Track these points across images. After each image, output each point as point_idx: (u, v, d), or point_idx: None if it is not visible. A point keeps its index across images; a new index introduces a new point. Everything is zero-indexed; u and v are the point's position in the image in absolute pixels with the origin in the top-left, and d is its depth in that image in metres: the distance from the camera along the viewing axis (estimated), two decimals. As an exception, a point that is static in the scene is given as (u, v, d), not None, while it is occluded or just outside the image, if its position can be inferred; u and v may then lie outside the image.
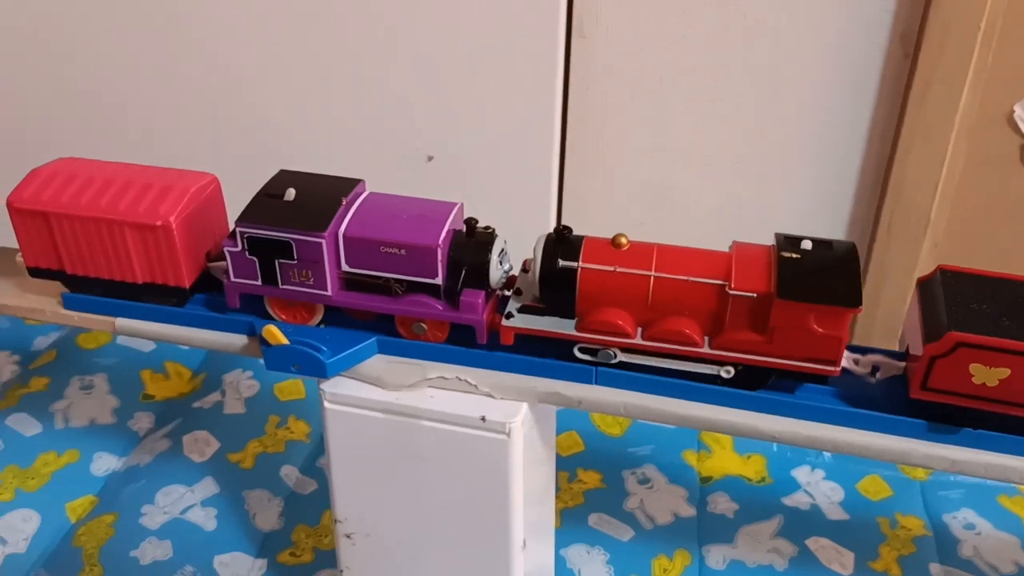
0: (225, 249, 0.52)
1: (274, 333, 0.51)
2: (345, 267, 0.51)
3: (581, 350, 0.51)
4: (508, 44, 0.75)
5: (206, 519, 0.72)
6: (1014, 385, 0.45)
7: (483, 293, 0.51)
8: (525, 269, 0.53)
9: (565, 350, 0.51)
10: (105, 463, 0.78)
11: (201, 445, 0.79)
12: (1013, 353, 0.45)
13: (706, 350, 0.49)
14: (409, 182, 0.82)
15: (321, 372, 0.51)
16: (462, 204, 0.53)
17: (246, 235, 0.51)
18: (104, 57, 0.85)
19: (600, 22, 0.75)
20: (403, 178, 0.82)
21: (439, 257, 0.50)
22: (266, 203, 0.52)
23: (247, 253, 0.52)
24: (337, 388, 0.52)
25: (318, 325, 0.54)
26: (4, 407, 0.83)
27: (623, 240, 0.49)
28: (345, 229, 0.50)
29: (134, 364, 0.88)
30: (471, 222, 0.51)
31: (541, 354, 0.52)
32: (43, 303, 0.57)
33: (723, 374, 0.50)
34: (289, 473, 0.77)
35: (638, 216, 0.83)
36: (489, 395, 0.51)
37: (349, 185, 0.53)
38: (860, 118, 0.74)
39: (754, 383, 0.50)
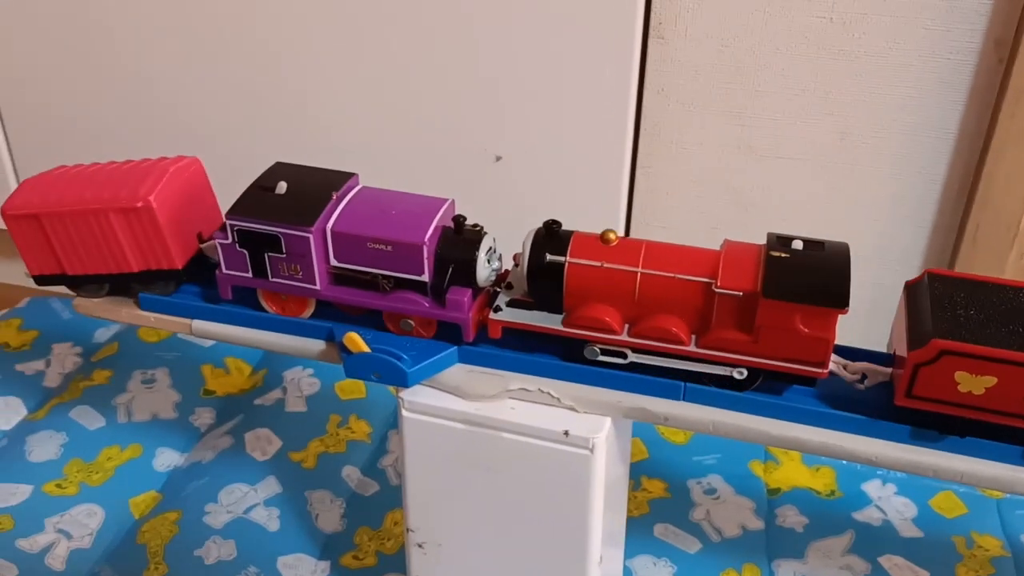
0: (216, 242, 0.52)
1: (355, 340, 0.50)
2: (333, 262, 0.51)
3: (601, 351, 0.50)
4: (584, 44, 0.73)
5: (269, 519, 0.72)
6: (1001, 393, 0.44)
7: (470, 291, 0.50)
8: (516, 263, 0.52)
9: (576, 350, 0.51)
10: (167, 459, 0.78)
11: (263, 443, 0.79)
12: (999, 362, 0.44)
13: (693, 348, 0.48)
14: (476, 182, 0.81)
15: (402, 381, 0.50)
16: (453, 201, 0.52)
17: (235, 227, 0.51)
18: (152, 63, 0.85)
19: (679, 23, 0.73)
20: (470, 178, 0.81)
21: (425, 254, 0.50)
22: (257, 196, 0.52)
23: (237, 246, 0.52)
24: (416, 397, 0.51)
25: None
26: (68, 399, 0.84)
27: (611, 236, 0.49)
28: (333, 224, 0.50)
29: (195, 359, 0.88)
30: (459, 219, 0.51)
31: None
32: (119, 303, 0.57)
33: (736, 375, 0.49)
34: (351, 474, 0.77)
35: (712, 218, 0.82)
36: (572, 408, 0.50)
37: (342, 179, 0.53)
38: (948, 123, 0.72)
39: (742, 384, 0.50)
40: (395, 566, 0.69)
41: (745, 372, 0.49)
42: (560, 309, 0.50)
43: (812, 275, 0.46)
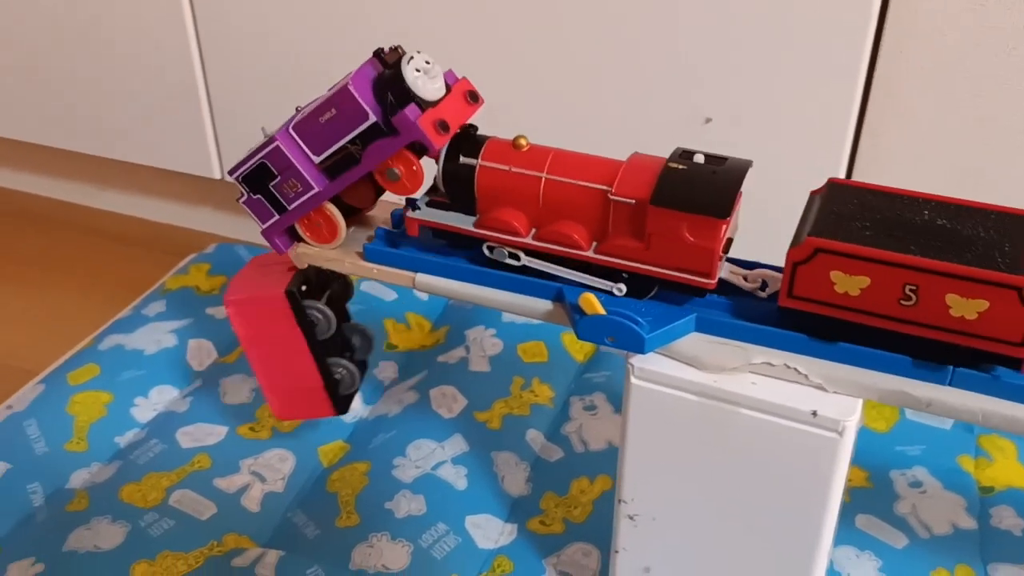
0: (240, 203, 0.56)
1: (591, 302, 0.48)
2: (314, 157, 0.53)
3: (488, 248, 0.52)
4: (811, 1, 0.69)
5: (457, 477, 0.71)
6: (875, 295, 0.44)
7: (413, 105, 0.50)
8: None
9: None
10: (353, 410, 0.79)
11: (449, 401, 0.78)
12: (872, 261, 0.44)
13: (591, 255, 0.50)
14: (685, 143, 0.77)
15: (638, 347, 0.48)
16: (372, 59, 0.53)
17: (237, 176, 0.55)
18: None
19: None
20: (678, 140, 0.77)
21: (357, 94, 0.50)
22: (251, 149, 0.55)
23: (251, 195, 0.55)
24: (647, 364, 0.49)
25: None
26: (257, 345, 0.85)
27: (523, 142, 0.50)
28: (292, 124, 0.53)
29: (377, 312, 0.89)
30: (378, 51, 0.52)
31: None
32: (344, 253, 0.56)
33: (615, 292, 0.50)
34: (535, 438, 0.76)
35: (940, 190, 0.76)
36: (820, 387, 0.47)
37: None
38: None
39: (639, 292, 0.51)
40: (582, 535, 0.68)
41: (624, 289, 0.50)
42: (475, 211, 0.52)
43: (700, 186, 0.47)
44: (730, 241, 0.50)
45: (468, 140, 0.51)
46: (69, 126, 1.06)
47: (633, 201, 0.48)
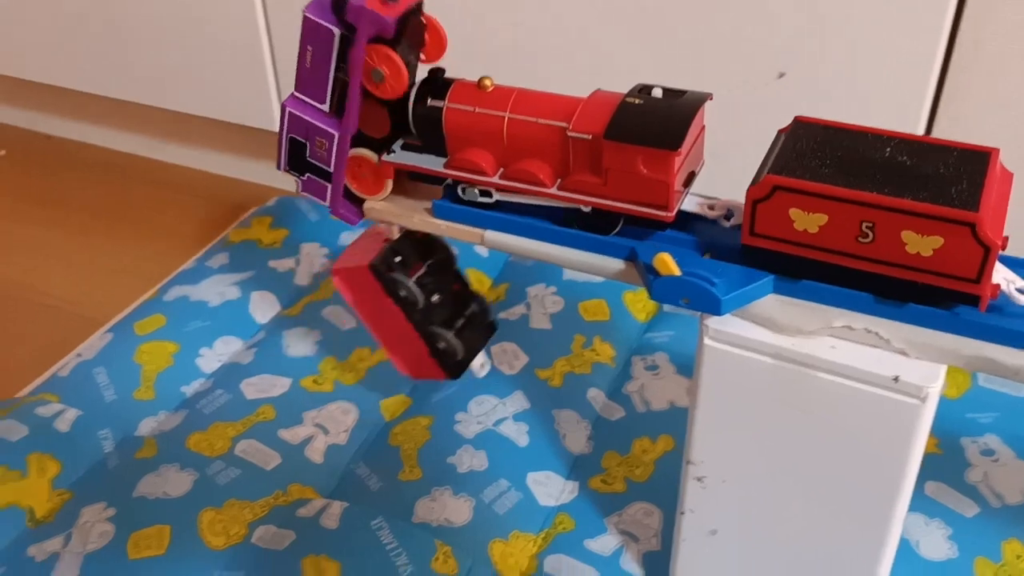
0: (301, 193, 0.59)
1: (667, 262, 0.47)
2: (322, 107, 0.55)
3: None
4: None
5: (518, 434, 0.71)
6: (833, 232, 0.44)
7: None
8: None
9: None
10: (415, 365, 0.79)
11: (510, 357, 0.78)
12: (828, 199, 0.44)
13: (554, 191, 0.51)
14: (754, 99, 0.75)
15: (715, 308, 0.47)
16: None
17: (283, 167, 0.58)
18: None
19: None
20: (750, 95, 0.75)
21: (316, 18, 0.52)
22: None
23: (302, 178, 0.58)
24: (723, 326, 0.48)
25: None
26: (320, 298, 0.86)
27: (487, 83, 0.51)
28: (295, 87, 0.56)
29: (437, 268, 0.88)
30: None
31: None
32: (412, 208, 0.56)
33: (583, 208, 0.51)
34: (596, 396, 0.75)
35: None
36: (902, 352, 0.46)
37: None
38: None
39: (604, 227, 0.51)
40: (644, 495, 0.67)
41: (589, 208, 0.51)
42: (445, 153, 0.53)
43: (654, 119, 0.47)
44: (692, 175, 0.51)
45: (436, 83, 0.53)
46: (135, 79, 1.06)
47: (589, 136, 0.48)
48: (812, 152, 0.46)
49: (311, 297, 0.86)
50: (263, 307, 0.86)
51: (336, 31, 0.52)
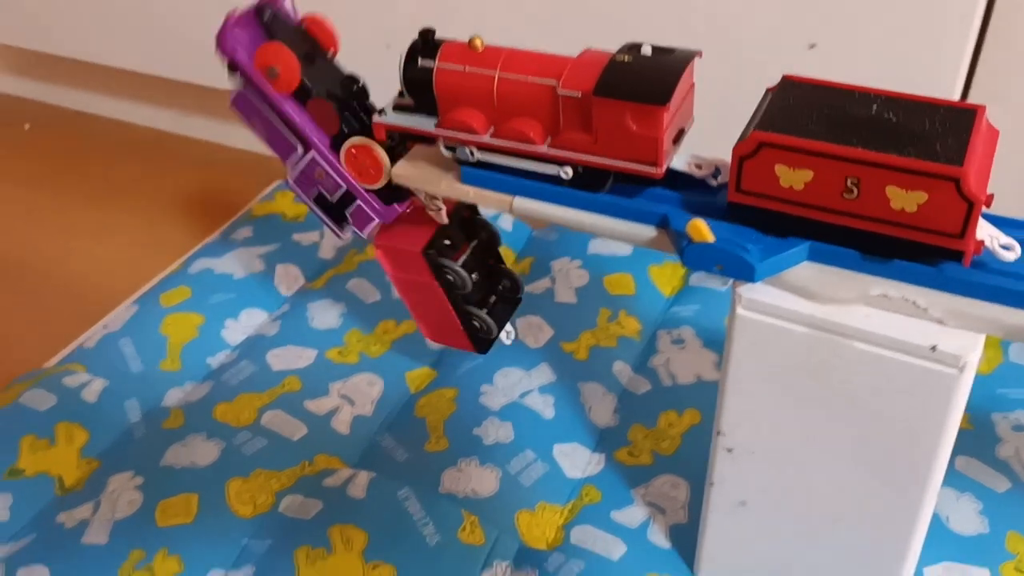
0: (366, 236, 0.61)
1: (700, 229, 0.47)
2: (298, 154, 0.58)
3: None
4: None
5: (544, 406, 0.71)
6: (818, 188, 0.44)
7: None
8: None
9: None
10: (439, 337, 0.79)
11: (535, 331, 0.78)
12: (813, 154, 0.43)
13: (545, 150, 0.51)
14: (784, 71, 0.74)
15: (748, 276, 0.46)
16: None
17: (331, 227, 0.61)
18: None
19: None
20: (779, 66, 0.74)
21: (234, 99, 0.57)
22: None
23: (340, 224, 0.61)
24: (755, 294, 0.47)
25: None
26: (344, 271, 0.86)
27: (478, 42, 0.51)
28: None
29: (461, 241, 0.88)
30: None
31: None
32: (439, 175, 0.55)
33: (562, 175, 0.51)
34: (622, 370, 0.75)
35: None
36: (940, 322, 0.45)
37: None
38: None
39: (594, 185, 0.51)
40: (671, 467, 0.67)
41: (570, 172, 0.51)
42: (437, 113, 0.53)
43: (642, 75, 0.47)
44: (682, 132, 0.51)
45: (427, 45, 0.53)
46: (162, 53, 1.06)
47: (579, 94, 0.48)
48: (799, 109, 0.46)
49: (335, 270, 0.86)
50: (287, 279, 0.86)
51: (245, 90, 0.57)
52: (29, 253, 0.98)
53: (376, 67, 0.60)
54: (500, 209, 0.54)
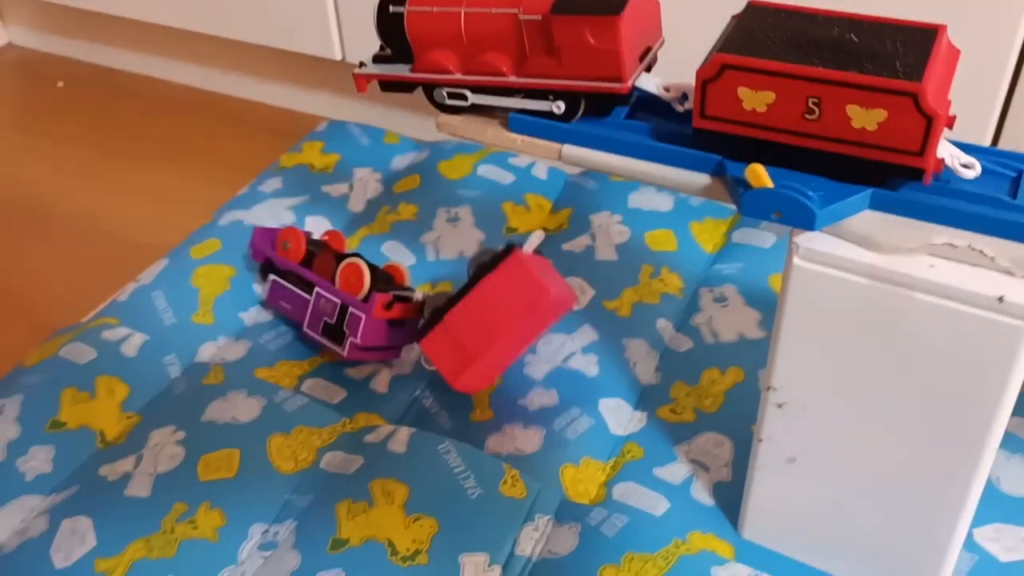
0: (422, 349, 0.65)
1: (759, 174, 0.45)
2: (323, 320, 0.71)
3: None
4: None
5: (588, 365, 0.70)
6: (780, 110, 0.44)
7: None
8: None
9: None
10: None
11: (576, 292, 0.76)
12: (775, 75, 0.44)
13: (515, 80, 0.52)
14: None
15: (808, 223, 0.45)
16: None
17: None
18: None
19: None
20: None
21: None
22: None
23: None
24: (813, 244, 0.46)
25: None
26: (377, 231, 0.85)
27: None
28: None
29: (496, 196, 0.87)
30: None
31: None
32: (486, 123, 0.54)
33: (554, 110, 0.52)
34: (664, 327, 0.74)
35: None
36: (1007, 272, 0.43)
37: None
38: None
39: (566, 114, 0.52)
40: (714, 425, 0.66)
41: (563, 107, 0.51)
42: (412, 59, 0.54)
43: None
44: (649, 49, 0.51)
45: None
46: (194, 8, 1.05)
47: (539, 17, 0.50)
48: (762, 33, 0.46)
49: (368, 229, 0.85)
50: (318, 232, 0.85)
51: (270, 282, 0.74)
52: (63, 209, 0.98)
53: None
54: (548, 157, 0.53)
